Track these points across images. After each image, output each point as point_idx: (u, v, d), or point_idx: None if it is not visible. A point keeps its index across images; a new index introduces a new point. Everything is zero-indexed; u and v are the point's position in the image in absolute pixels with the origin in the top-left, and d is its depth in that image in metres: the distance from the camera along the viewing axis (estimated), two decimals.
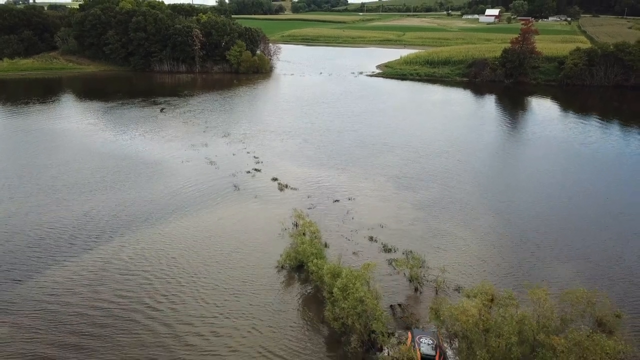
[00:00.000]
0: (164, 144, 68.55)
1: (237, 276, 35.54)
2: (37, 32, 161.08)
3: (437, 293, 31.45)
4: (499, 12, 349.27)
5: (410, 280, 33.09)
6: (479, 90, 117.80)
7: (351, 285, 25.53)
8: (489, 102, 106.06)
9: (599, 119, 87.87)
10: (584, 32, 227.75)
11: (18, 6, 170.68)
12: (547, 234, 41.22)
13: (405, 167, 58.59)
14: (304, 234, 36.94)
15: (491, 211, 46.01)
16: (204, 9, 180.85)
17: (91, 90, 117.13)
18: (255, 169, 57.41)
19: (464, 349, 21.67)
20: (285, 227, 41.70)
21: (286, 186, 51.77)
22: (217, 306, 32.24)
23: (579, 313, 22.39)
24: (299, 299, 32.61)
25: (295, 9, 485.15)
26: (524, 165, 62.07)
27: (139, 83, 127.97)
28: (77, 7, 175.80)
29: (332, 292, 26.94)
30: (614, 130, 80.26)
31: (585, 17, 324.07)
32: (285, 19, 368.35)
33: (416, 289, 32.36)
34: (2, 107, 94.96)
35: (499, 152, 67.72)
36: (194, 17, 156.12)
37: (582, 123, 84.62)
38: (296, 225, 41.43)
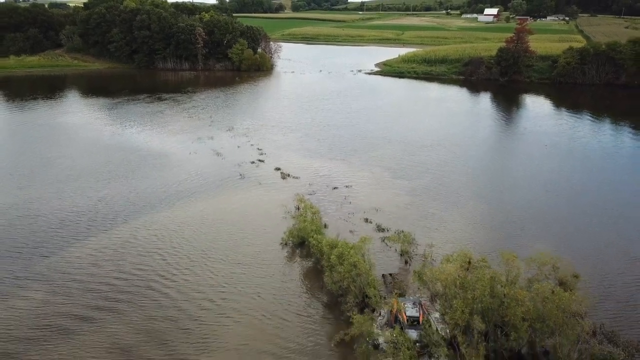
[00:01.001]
0: (172, 137, 72.06)
1: (243, 252, 39.13)
2: (42, 30, 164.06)
3: (424, 265, 35.04)
4: (498, 11, 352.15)
5: (401, 255, 36.75)
6: (474, 88, 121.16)
7: (346, 253, 29.08)
8: (484, 100, 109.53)
9: (589, 115, 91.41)
10: (581, 32, 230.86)
11: (23, 4, 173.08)
12: (531, 217, 44.81)
13: (401, 159, 62.14)
14: (305, 215, 40.50)
15: (479, 197, 49.63)
16: (206, 8, 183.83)
17: (97, 87, 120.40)
18: (259, 160, 61.01)
19: (443, 303, 25.22)
20: (288, 210, 45.31)
21: (288, 175, 55.37)
22: (226, 277, 35.80)
23: (544, 275, 25.87)
24: (300, 270, 36.23)
25: (295, 8, 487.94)
26: (514, 158, 65.70)
27: (143, 80, 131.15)
28: (82, 5, 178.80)
29: (330, 260, 30.51)
30: (602, 127, 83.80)
31: (583, 16, 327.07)
32: (285, 18, 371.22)
33: (406, 262, 36.01)
34: (13, 102, 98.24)
35: (491, 146, 71.30)
36: (197, 15, 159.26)
37: (573, 120, 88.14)
38: (298, 208, 44.98)
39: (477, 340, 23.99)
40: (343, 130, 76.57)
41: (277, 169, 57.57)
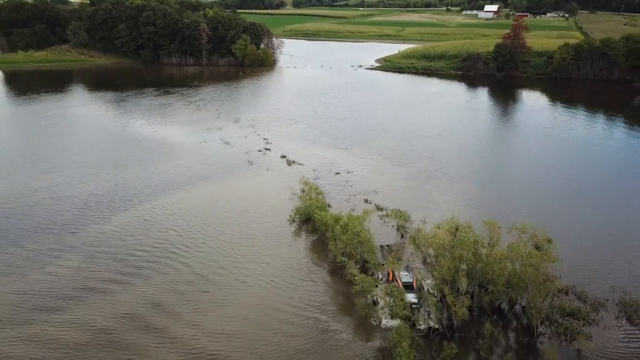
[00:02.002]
0: (181, 128, 75.72)
1: (253, 228, 42.93)
2: (49, 26, 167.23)
3: (418, 232, 38.62)
4: (498, 8, 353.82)
5: (397, 230, 40.51)
6: (472, 82, 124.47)
7: (350, 223, 32.83)
8: (481, 94, 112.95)
9: (583, 109, 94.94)
10: (579, 28, 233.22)
11: (30, 1, 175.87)
12: (521, 199, 48.50)
13: (400, 148, 65.84)
14: (310, 195, 44.19)
15: (472, 181, 53.39)
16: (210, 5, 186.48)
17: (105, 81, 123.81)
18: (266, 148, 64.75)
19: (433, 261, 28.97)
20: (294, 192, 49.09)
21: (293, 162, 59.12)
22: (237, 249, 39.57)
23: (523, 241, 29.58)
24: (306, 243, 40.05)
25: (296, 4, 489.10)
26: (508, 147, 69.57)
27: (149, 75, 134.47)
28: (87, 1, 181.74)
29: (335, 231, 34.22)
30: (594, 120, 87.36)
31: (582, 13, 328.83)
32: (286, 14, 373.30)
33: (402, 236, 39.85)
34: (25, 95, 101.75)
35: (487, 137, 74.96)
36: (201, 12, 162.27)
37: (566, 113, 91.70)
38: (303, 191, 48.69)
39: (462, 295, 27.78)
40: (344, 122, 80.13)
41: (283, 156, 61.33)
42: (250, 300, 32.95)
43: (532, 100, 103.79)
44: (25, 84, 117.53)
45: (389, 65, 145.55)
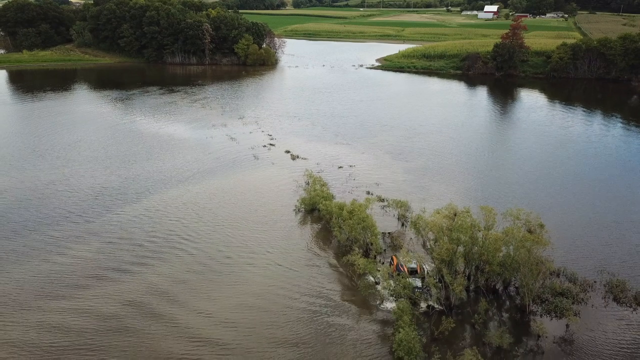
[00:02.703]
0: (188, 124, 77.74)
1: (260, 217, 44.92)
2: (53, 26, 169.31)
3: (418, 218, 40.53)
4: (498, 8, 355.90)
5: (398, 219, 42.50)
6: (471, 82, 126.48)
7: (356, 209, 34.87)
8: (481, 93, 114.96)
9: (580, 108, 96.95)
10: (579, 29, 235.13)
11: (34, 1, 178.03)
12: (518, 191, 50.49)
13: (401, 143, 67.87)
14: (314, 186, 46.18)
15: (471, 174, 55.44)
16: (212, 5, 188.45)
17: (110, 80, 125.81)
18: (270, 144, 66.76)
19: (433, 244, 30.96)
20: (299, 184, 51.12)
21: (297, 156, 61.16)
22: (244, 238, 41.48)
23: (517, 226, 31.57)
24: (311, 231, 42.05)
25: (297, 5, 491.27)
26: (507, 143, 71.61)
27: (153, 74, 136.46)
28: (91, 1, 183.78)
29: (340, 217, 36.17)
30: (591, 118, 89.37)
31: (582, 13, 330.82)
32: (287, 14, 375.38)
33: (402, 224, 41.87)
34: (32, 93, 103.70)
35: (486, 133, 76.99)
36: (204, 12, 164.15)
37: (564, 111, 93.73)
38: (307, 183, 50.67)
39: (460, 275, 29.82)
40: (346, 119, 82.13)
41: (287, 151, 63.36)
42: (260, 281, 34.91)
43: (531, 99, 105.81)
44: (32, 83, 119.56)
45: (389, 64, 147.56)
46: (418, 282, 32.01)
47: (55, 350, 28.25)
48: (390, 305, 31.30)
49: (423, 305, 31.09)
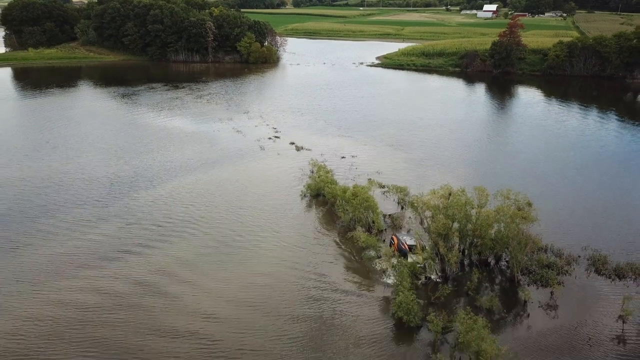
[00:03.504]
0: (195, 118, 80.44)
1: (267, 202, 47.64)
2: (58, 24, 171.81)
3: (416, 198, 43.20)
4: (497, 7, 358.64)
5: (398, 203, 45.25)
6: (469, 79, 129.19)
7: (359, 191, 37.63)
8: (479, 89, 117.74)
9: (576, 103, 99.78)
10: (577, 28, 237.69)
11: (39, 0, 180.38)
12: (511, 177, 53.24)
13: (401, 136, 70.69)
14: (319, 173, 48.88)
15: (468, 164, 58.28)
16: (215, 3, 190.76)
17: (115, 77, 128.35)
18: (275, 136, 69.53)
19: (429, 220, 33.68)
20: (304, 172, 53.85)
21: (302, 148, 63.94)
22: (253, 221, 44.13)
23: (507, 205, 34.25)
24: (316, 214, 44.80)
25: (297, 4, 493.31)
26: (503, 135, 74.51)
27: (157, 71, 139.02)
28: (95, 0, 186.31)
29: (343, 199, 38.88)
30: (586, 113, 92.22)
31: (580, 13, 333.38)
32: (287, 13, 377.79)
33: (402, 207, 44.59)
34: (40, 89, 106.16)
35: (484, 127, 79.84)
36: (207, 10, 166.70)
37: (560, 107, 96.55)
38: (312, 171, 53.39)
39: (455, 249, 32.62)
40: (348, 114, 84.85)
41: (292, 143, 66.11)
42: (268, 260, 37.54)
43: (528, 95, 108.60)
44: (39, 79, 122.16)
45: (389, 62, 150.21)
46: (419, 257, 34.65)
47: (88, 311, 30.92)
48: (391, 280, 33.98)
49: (422, 278, 33.78)
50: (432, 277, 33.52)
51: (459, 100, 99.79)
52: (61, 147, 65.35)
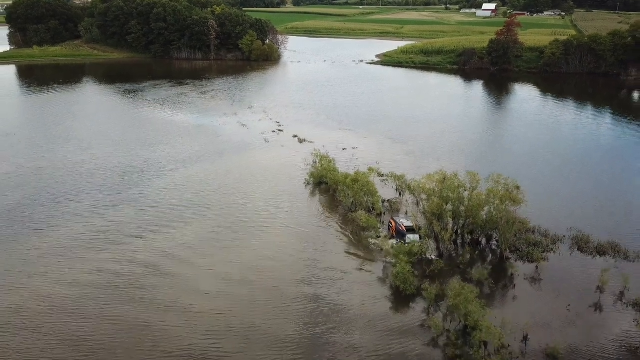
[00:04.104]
0: (200, 113, 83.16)
1: (273, 190, 50.45)
2: (62, 22, 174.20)
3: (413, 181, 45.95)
4: (496, 6, 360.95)
5: (396, 189, 48.02)
6: (467, 76, 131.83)
7: (360, 177, 40.45)
8: (476, 86, 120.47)
9: (571, 100, 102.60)
10: (575, 27, 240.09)
11: None
12: (504, 165, 55.72)
13: (400, 130, 73.51)
14: (322, 163, 51.65)
15: (464, 155, 61.14)
16: (217, 2, 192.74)
17: (120, 74, 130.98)
18: (279, 130, 72.34)
19: (424, 202, 36.39)
20: (307, 163, 56.66)
21: (304, 140, 66.76)
22: (260, 206, 46.89)
23: (497, 189, 36.98)
24: (319, 200, 47.63)
25: (297, 3, 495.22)
26: (499, 129, 77.50)
27: (161, 68, 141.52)
28: None
29: (345, 184, 41.66)
30: (581, 109, 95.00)
31: (579, 11, 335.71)
32: (287, 12, 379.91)
33: (400, 194, 47.35)
34: (48, 86, 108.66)
35: (481, 121, 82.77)
36: (209, 8, 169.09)
37: (555, 102, 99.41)
38: (315, 162, 56.13)
39: (449, 228, 35.43)
40: (348, 109, 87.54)
41: (295, 136, 68.89)
42: (274, 241, 40.24)
43: (524, 92, 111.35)
44: (46, 76, 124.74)
45: (388, 60, 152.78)
46: (416, 237, 37.35)
47: (112, 281, 33.67)
48: (389, 258, 36.66)
49: (419, 255, 36.45)
50: (428, 255, 36.20)
51: (457, 97, 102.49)
52: (74, 140, 67.99)
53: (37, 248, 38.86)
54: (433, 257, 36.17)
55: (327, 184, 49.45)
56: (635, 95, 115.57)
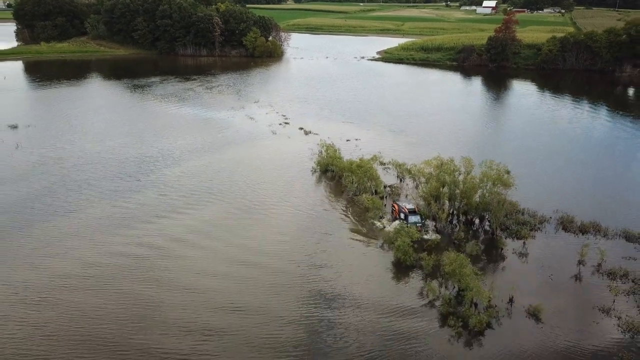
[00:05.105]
0: (209, 107, 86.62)
1: (281, 177, 54.03)
2: (68, 19, 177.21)
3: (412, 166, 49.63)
4: (496, 3, 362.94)
5: (397, 176, 51.64)
6: (466, 73, 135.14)
7: (364, 164, 44.03)
8: (475, 82, 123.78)
9: (567, 95, 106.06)
10: (574, 24, 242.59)
11: None
12: (499, 155, 59.09)
13: (401, 123, 77.21)
14: (328, 152, 55.22)
15: (462, 146, 64.48)
16: None
17: (127, 70, 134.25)
18: (285, 122, 75.90)
19: (423, 185, 39.94)
20: (314, 152, 60.18)
21: (310, 132, 70.37)
22: (269, 191, 50.37)
23: (491, 173, 40.56)
24: (325, 186, 51.25)
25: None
26: (497, 122, 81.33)
27: (167, 64, 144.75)
28: None
29: (350, 170, 45.25)
30: (577, 104, 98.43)
31: (578, 9, 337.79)
32: (288, 9, 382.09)
33: (400, 180, 50.95)
34: (57, 81, 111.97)
35: (479, 115, 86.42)
36: (214, 6, 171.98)
37: (552, 98, 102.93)
38: (321, 152, 59.64)
39: (445, 209, 39.00)
40: (351, 104, 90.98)
41: (301, 128, 72.50)
42: (284, 225, 43.61)
43: (522, 88, 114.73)
44: (56, 72, 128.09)
45: (389, 56, 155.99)
46: (418, 218, 40.84)
47: (138, 258, 37.24)
48: (391, 233, 40.01)
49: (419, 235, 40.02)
50: (427, 237, 39.53)
51: (457, 92, 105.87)
52: (90, 133, 71.41)
53: (69, 227, 42.41)
54: (432, 237, 39.59)
55: (332, 172, 53.06)
56: (630, 91, 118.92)
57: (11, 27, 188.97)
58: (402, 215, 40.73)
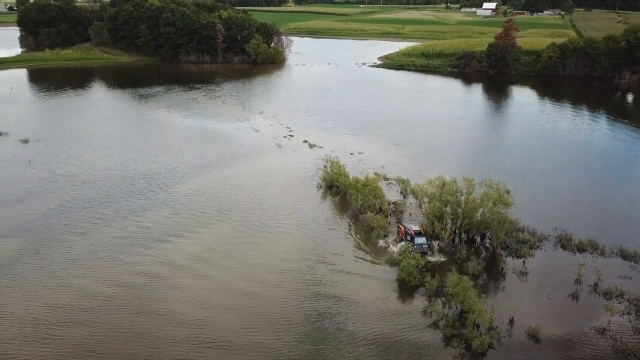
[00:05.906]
0: (215, 118, 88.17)
1: (287, 193, 55.60)
2: (72, 26, 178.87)
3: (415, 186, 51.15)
4: (496, 5, 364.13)
5: (400, 192, 53.17)
6: (467, 79, 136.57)
7: (369, 182, 45.65)
8: (476, 89, 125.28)
9: (567, 103, 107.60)
10: (574, 26, 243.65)
11: (54, 2, 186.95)
12: (501, 172, 60.89)
13: (403, 134, 78.88)
14: (332, 167, 56.81)
15: (463, 160, 66.40)
16: (223, 6, 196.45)
17: (131, 77, 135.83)
18: (290, 135, 77.47)
19: (426, 204, 41.51)
20: (318, 167, 61.75)
21: (314, 145, 71.99)
22: (275, 207, 51.82)
23: (490, 193, 42.01)
24: (331, 202, 52.84)
25: (298, 1, 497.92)
26: (498, 133, 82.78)
27: (170, 72, 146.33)
28: (107, 2, 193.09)
29: (355, 188, 46.79)
30: (577, 112, 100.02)
31: (578, 11, 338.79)
32: (289, 12, 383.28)
33: (404, 197, 52.52)
34: (63, 90, 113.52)
35: (480, 125, 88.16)
36: (216, 13, 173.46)
37: (552, 106, 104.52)
38: (325, 166, 61.18)
39: (447, 229, 40.52)
40: (354, 114, 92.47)
41: (305, 141, 74.11)
42: (289, 244, 44.96)
43: (522, 95, 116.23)
44: (61, 80, 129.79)
45: (390, 62, 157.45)
46: (424, 239, 42.13)
47: (154, 277, 38.74)
48: (396, 254, 41.54)
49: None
50: (432, 259, 40.82)
51: (458, 100, 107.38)
52: (99, 148, 72.72)
53: (83, 248, 43.84)
54: (436, 259, 40.78)
55: (337, 187, 54.58)
56: (629, 97, 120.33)
57: (12, 32, 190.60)
58: (409, 237, 42.09)
